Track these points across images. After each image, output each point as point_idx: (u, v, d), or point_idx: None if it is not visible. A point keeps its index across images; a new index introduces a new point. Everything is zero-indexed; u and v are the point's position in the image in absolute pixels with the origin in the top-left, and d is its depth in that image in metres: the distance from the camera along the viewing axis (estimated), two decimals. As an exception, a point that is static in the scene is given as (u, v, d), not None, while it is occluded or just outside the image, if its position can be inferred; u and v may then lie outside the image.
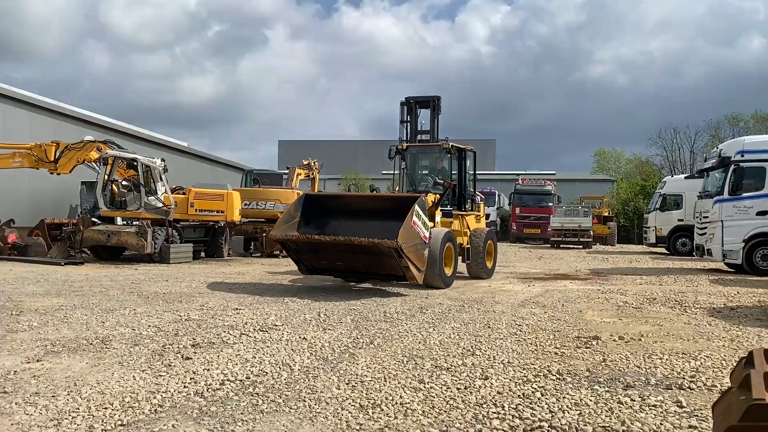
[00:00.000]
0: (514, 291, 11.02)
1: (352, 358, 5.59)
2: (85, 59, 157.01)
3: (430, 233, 10.15)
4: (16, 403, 4.20)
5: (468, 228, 12.99)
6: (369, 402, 4.33)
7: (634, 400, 4.44)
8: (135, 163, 16.75)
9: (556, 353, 5.98)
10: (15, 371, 5.00)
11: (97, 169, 17.02)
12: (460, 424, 3.94)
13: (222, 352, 5.75)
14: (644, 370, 5.37)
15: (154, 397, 4.37)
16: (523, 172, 51.33)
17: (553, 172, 55.72)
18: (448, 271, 11.15)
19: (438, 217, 11.52)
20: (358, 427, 3.84)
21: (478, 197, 14.53)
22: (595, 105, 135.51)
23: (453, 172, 13.17)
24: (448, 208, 12.48)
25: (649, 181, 45.27)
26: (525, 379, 5.01)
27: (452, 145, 12.76)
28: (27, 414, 4.01)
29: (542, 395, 4.56)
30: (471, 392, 4.60)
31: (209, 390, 4.59)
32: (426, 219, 9.88)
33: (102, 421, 3.88)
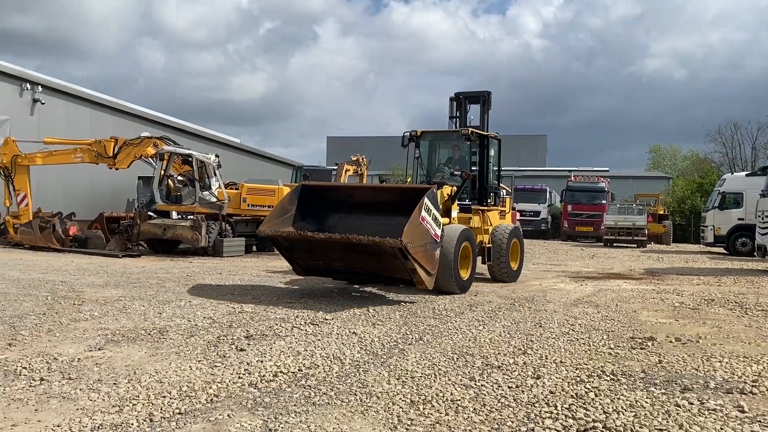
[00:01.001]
0: (566, 290, 10.85)
1: (402, 354, 5.61)
2: (140, 57, 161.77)
3: (443, 231, 8.85)
4: (80, 389, 4.37)
5: (490, 225, 11.64)
6: (420, 398, 4.34)
7: (692, 404, 4.32)
8: (190, 159, 17.16)
9: (609, 353, 5.86)
10: (78, 359, 5.20)
11: (154, 164, 17.51)
12: (512, 422, 3.91)
13: (274, 345, 5.86)
14: (703, 372, 5.21)
15: (210, 387, 4.48)
16: (575, 169, 50.38)
17: (606, 169, 54.53)
18: (465, 274, 9.81)
19: (455, 213, 10.24)
20: (409, 422, 3.86)
21: (503, 190, 13.17)
22: (650, 100, 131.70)
23: (474, 161, 11.85)
24: (467, 202, 11.11)
25: (706, 179, 43.81)
26: (578, 379, 4.93)
27: (472, 131, 11.26)
28: (90, 400, 4.17)
29: (596, 396, 4.49)
30: (523, 391, 4.56)
31: (263, 381, 4.68)
32: (438, 214, 8.54)
33: (161, 409, 4.00)
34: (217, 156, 17.85)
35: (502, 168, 12.56)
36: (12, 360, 5.09)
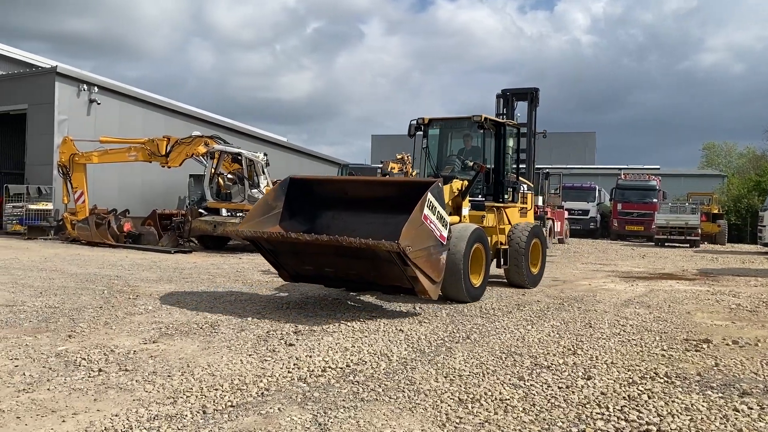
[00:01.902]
0: (616, 290, 10.63)
1: (449, 352, 5.59)
2: (190, 58, 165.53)
3: (451, 231, 7.58)
4: (136, 381, 4.51)
5: (509, 223, 10.48)
6: (468, 396, 4.32)
7: (751, 408, 4.18)
8: (239, 158, 17.47)
9: (663, 355, 5.72)
10: (134, 351, 5.37)
11: (205, 162, 17.88)
12: (563, 423, 3.86)
13: (322, 340, 5.92)
14: (762, 377, 5.04)
15: (261, 381, 4.56)
16: (625, 167, 49.25)
17: (657, 167, 53.12)
18: (476, 280, 8.63)
19: (466, 210, 9.12)
20: (457, 421, 3.85)
21: (524, 185, 11.79)
22: (704, 95, 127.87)
23: (490, 152, 10.43)
24: (480, 198, 9.95)
25: (764, 177, 42.25)
26: (630, 380, 4.83)
27: (486, 118, 9.86)
28: (146, 391, 4.29)
29: (649, 398, 4.39)
30: (573, 391, 4.49)
31: (312, 376, 4.74)
32: (444, 212, 7.25)
33: (213, 401, 4.09)
34: (265, 154, 18.12)
35: (552, 166, 12.15)
36: (72, 351, 5.28)
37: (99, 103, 22.49)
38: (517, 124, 10.90)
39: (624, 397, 4.39)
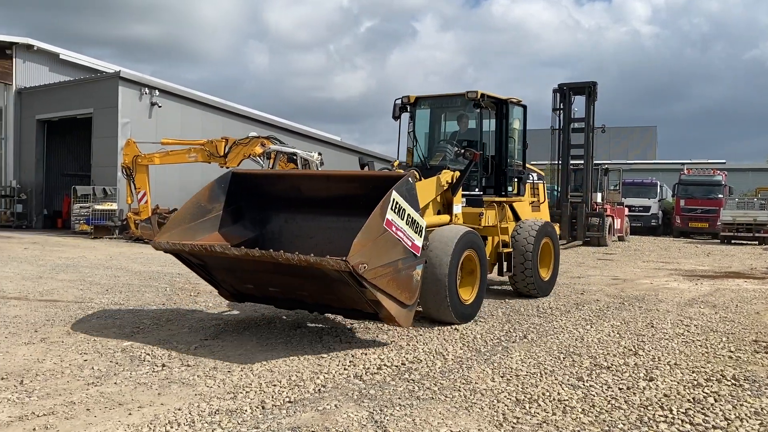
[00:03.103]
0: (679, 289, 10.28)
1: (506, 352, 5.53)
2: (247, 59, 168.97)
3: (428, 238, 6.16)
4: (197, 376, 4.63)
5: (518, 220, 8.99)
6: (525, 396, 4.26)
7: (827, 414, 3.98)
8: (295, 157, 17.72)
9: (730, 357, 5.51)
10: (195, 347, 5.52)
11: (261, 162, 18.20)
12: (623, 425, 3.77)
13: (378, 338, 5.95)
14: (839, 381, 4.79)
15: (317, 377, 4.62)
16: (689, 162, 47.57)
17: (723, 161, 51.11)
18: (468, 295, 6.91)
19: (458, 207, 7.51)
20: (515, 421, 3.80)
21: (534, 174, 10.04)
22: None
23: (490, 136, 8.66)
24: (477, 192, 8.24)
25: (840, 170, 40.07)
26: (695, 382, 4.67)
27: (482, 94, 8.10)
28: (207, 386, 4.41)
29: (716, 401, 4.23)
30: (635, 393, 4.38)
31: (367, 373, 4.77)
32: (417, 215, 5.59)
33: (272, 397, 4.17)
34: (320, 154, 18.32)
35: (611, 161, 11.48)
36: (137, 347, 5.47)
37: (160, 106, 23.19)
38: (522, 102, 8.95)
39: (689, 400, 4.25)
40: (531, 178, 9.74)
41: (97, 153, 23.02)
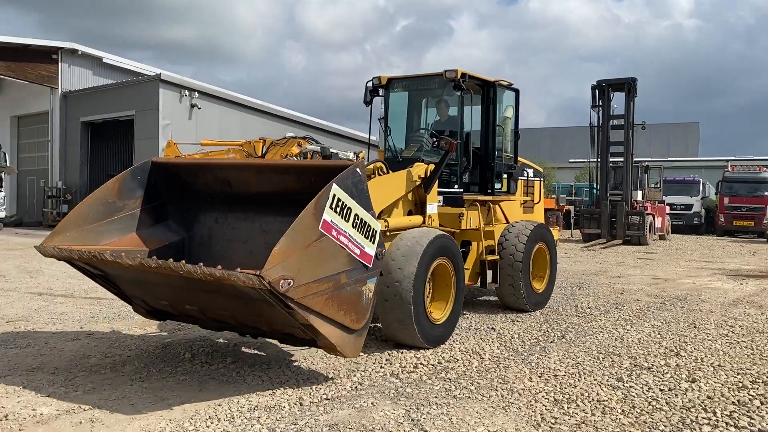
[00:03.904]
0: (723, 289, 10.03)
1: (544, 352, 5.48)
2: (284, 60, 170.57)
3: (384, 247, 4.67)
4: (237, 372, 4.71)
5: (507, 222, 7.73)
6: (563, 396, 4.22)
7: None
8: (331, 157, 17.83)
9: (777, 359, 5.35)
10: (235, 344, 5.61)
11: (298, 162, 18.38)
12: (665, 426, 3.70)
13: (414, 337, 5.95)
14: None
15: (354, 375, 4.65)
16: (733, 158, 46.31)
17: (769, 158, 49.60)
18: (439, 313, 5.74)
19: (433, 207, 6.38)
20: (553, 421, 3.77)
21: (529, 171, 8.66)
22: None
23: (475, 123, 7.39)
24: (457, 189, 6.95)
25: None
26: (740, 384, 4.55)
27: (464, 74, 6.88)
28: (246, 383, 4.48)
29: (762, 404, 4.12)
30: (676, 394, 4.29)
31: (404, 372, 4.78)
32: (368, 215, 4.45)
33: (309, 394, 4.21)
34: (356, 153, 18.40)
35: (651, 159, 10.78)
36: (178, 343, 5.58)
37: (199, 108, 23.61)
38: (512, 85, 7.71)
39: (733, 402, 4.15)
40: (525, 174, 8.46)
41: (138, 154, 23.55)
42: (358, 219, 4.37)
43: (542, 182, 9.12)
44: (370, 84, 7.58)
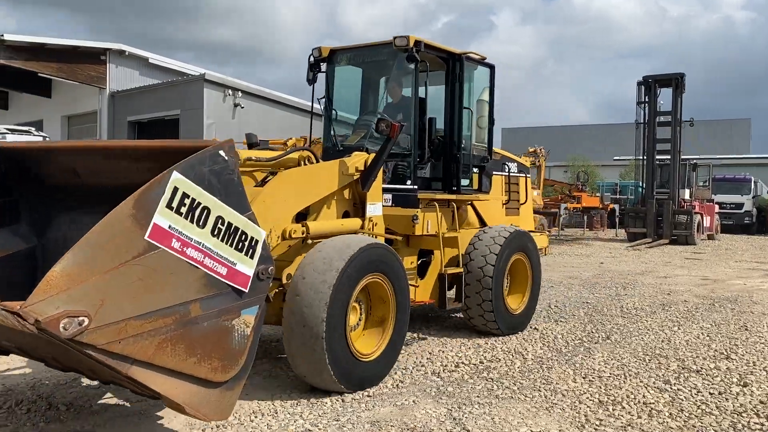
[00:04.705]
0: (775, 290, 9.70)
1: (588, 352, 5.39)
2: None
3: (271, 263, 3.34)
4: (280, 368, 4.77)
5: (483, 225, 6.50)
6: (608, 398, 4.14)
7: None
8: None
9: (834, 364, 5.15)
10: (278, 339, 5.67)
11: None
12: (714, 431, 3.60)
13: (454, 335, 5.93)
14: None
15: (395, 373, 4.66)
16: (786, 156, 44.71)
17: (826, 155, 47.71)
18: (370, 347, 4.49)
19: (375, 207, 5.09)
20: (597, 423, 3.71)
21: (511, 165, 7.28)
22: None
23: (435, 105, 6.01)
24: (410, 186, 5.59)
25: None
26: (795, 390, 4.40)
27: (417, 41, 5.55)
28: (289, 378, 4.53)
29: (818, 410, 3.97)
30: (727, 398, 4.17)
31: (445, 371, 4.76)
32: (240, 218, 3.17)
33: (351, 391, 4.23)
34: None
35: (700, 156, 9.89)
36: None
37: (242, 107, 23.96)
38: (486, 59, 6.37)
39: (787, 408, 4.01)
40: (506, 169, 7.13)
41: (183, 153, 24.02)
42: (222, 223, 3.09)
43: (527, 178, 7.74)
44: (311, 58, 6.31)
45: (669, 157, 19.75)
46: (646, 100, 19.88)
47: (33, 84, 27.10)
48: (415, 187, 5.58)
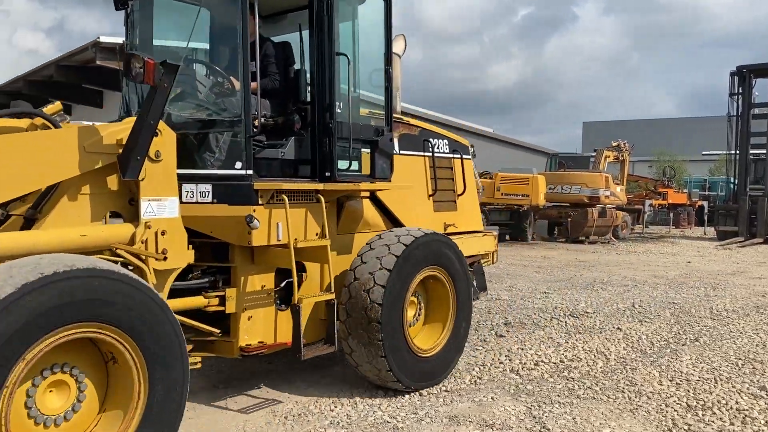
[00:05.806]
0: None
1: (675, 355, 5.17)
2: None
3: None
4: (358, 360, 4.83)
5: (394, 226, 4.66)
6: (698, 403, 3.97)
7: None
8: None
9: None
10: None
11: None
12: (817, 443, 3.39)
13: (533, 334, 5.83)
14: None
15: (473, 369, 4.64)
16: None
17: None
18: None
19: (158, 206, 3.25)
20: (686, 428, 3.56)
21: (440, 140, 5.46)
22: None
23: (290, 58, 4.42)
24: (239, 170, 3.67)
25: None
26: None
27: None
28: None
29: None
30: (830, 409, 3.91)
31: (524, 369, 4.70)
32: None
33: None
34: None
35: None
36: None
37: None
38: None
39: None
40: (429, 148, 5.19)
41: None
42: None
43: (469, 162, 6.01)
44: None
45: (764, 151, 18.67)
46: (740, 91, 18.85)
47: (125, 83, 28.53)
48: (249, 172, 3.68)
